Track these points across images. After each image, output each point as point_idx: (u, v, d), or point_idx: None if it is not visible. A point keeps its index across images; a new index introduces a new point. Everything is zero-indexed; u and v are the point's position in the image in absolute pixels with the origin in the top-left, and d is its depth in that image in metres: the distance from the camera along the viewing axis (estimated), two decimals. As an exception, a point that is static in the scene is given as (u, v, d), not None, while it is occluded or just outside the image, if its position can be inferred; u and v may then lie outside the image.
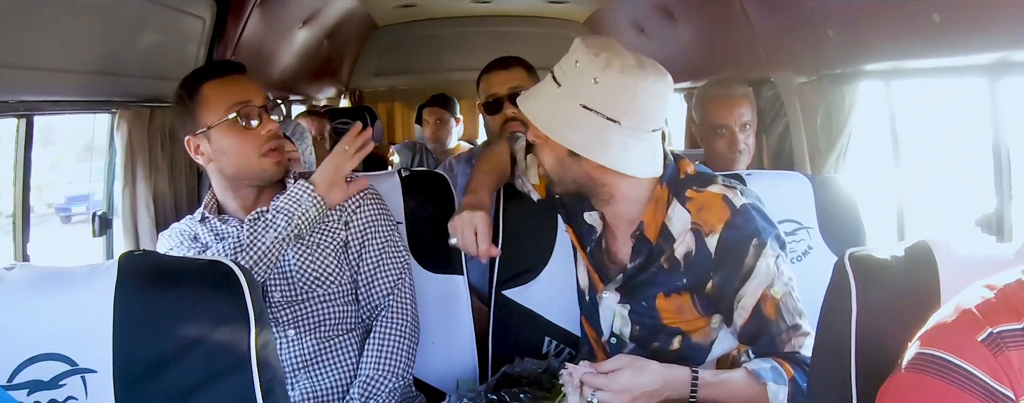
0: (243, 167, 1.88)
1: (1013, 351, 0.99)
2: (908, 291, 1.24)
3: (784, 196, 2.23)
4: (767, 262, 1.64)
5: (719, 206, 1.67)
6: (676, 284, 1.71)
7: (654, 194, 1.73)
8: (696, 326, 1.75)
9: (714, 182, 1.73)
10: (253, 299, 1.28)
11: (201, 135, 1.86)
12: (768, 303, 1.65)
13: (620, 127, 1.61)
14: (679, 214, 1.70)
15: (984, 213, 2.08)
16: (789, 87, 2.82)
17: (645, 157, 1.66)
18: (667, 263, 1.71)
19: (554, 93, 1.65)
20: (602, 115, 1.61)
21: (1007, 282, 1.05)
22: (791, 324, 1.65)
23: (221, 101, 1.84)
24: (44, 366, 1.24)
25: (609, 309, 1.83)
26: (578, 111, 1.61)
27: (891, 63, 2.30)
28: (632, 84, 1.60)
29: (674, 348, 1.77)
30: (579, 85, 1.62)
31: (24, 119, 2.07)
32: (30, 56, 1.79)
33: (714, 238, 1.66)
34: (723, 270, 1.66)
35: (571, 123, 1.63)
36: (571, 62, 1.64)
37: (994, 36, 1.76)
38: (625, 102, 1.61)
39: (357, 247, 1.97)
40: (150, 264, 1.33)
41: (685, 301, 1.72)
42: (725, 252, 1.66)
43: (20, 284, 1.29)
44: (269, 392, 1.27)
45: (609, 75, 1.60)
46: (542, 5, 4.84)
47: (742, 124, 2.62)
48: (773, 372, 1.61)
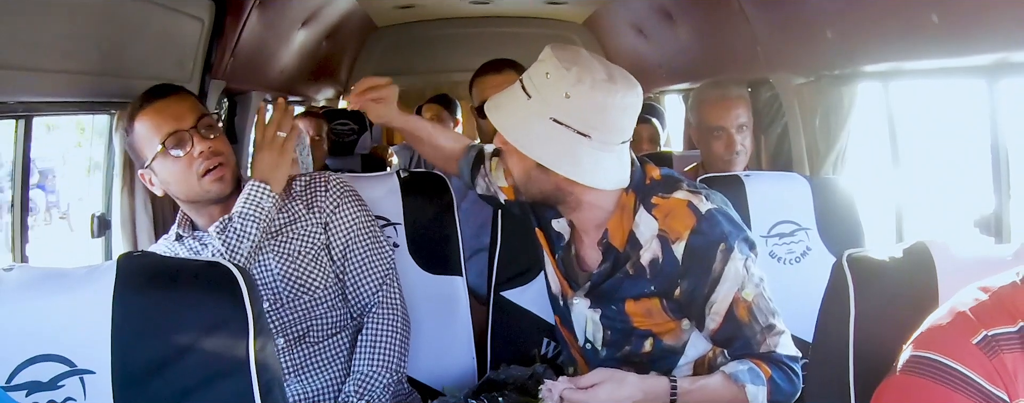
0: (188, 192, 1.86)
1: (1007, 354, 1.00)
2: (906, 292, 1.24)
3: (783, 197, 2.23)
4: (735, 266, 1.63)
5: (684, 213, 1.66)
6: (644, 290, 1.71)
7: (620, 201, 1.72)
8: (667, 328, 1.74)
9: (679, 188, 1.71)
10: (252, 300, 1.28)
11: (147, 168, 1.86)
12: (740, 306, 1.65)
13: (591, 141, 1.61)
14: (646, 221, 1.69)
15: (982, 214, 2.08)
16: (788, 88, 2.82)
17: (614, 169, 1.67)
18: (632, 269, 1.71)
19: (524, 104, 1.64)
20: (573, 129, 1.60)
21: (1002, 284, 1.05)
22: (765, 325, 1.66)
23: (152, 133, 1.82)
24: (43, 367, 1.24)
25: (581, 314, 1.82)
26: (548, 124, 1.61)
27: (890, 64, 2.31)
28: (603, 99, 1.60)
29: (646, 351, 1.77)
30: (550, 98, 1.61)
31: (23, 120, 2.07)
32: (29, 57, 1.79)
33: (681, 245, 1.65)
34: (691, 276, 1.65)
35: (541, 136, 1.62)
36: (541, 74, 1.63)
37: (993, 37, 1.76)
38: (596, 117, 1.60)
39: (341, 247, 1.96)
40: (149, 265, 1.33)
41: (654, 305, 1.71)
42: (692, 259, 1.64)
43: (19, 285, 1.29)
44: (268, 393, 1.27)
45: (580, 91, 1.59)
46: (541, 6, 4.84)
47: (738, 125, 2.62)
48: (751, 374, 1.62)
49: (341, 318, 1.97)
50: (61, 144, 4.57)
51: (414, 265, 2.18)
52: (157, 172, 1.85)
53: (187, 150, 1.82)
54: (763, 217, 2.27)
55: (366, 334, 1.94)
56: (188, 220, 1.96)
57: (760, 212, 2.27)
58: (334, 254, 1.96)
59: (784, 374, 1.64)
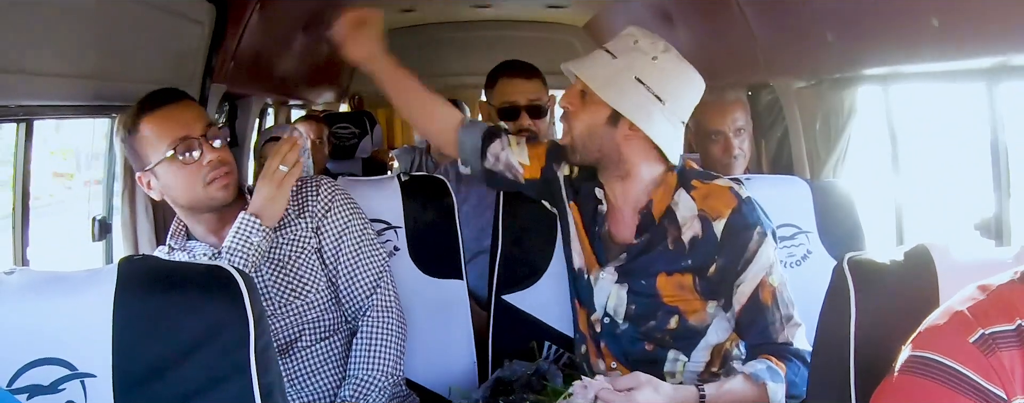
0: (192, 199, 1.86)
1: (1005, 352, 1.00)
2: (907, 295, 1.24)
3: (783, 200, 2.23)
4: (767, 251, 1.73)
5: (726, 195, 1.77)
6: (680, 265, 1.77)
7: (664, 178, 1.81)
8: (694, 308, 1.79)
9: (719, 177, 1.84)
10: (253, 304, 1.28)
11: (148, 172, 1.85)
12: (766, 290, 1.72)
13: (663, 107, 1.73)
14: (685, 201, 1.78)
15: (983, 217, 2.08)
16: (788, 91, 2.82)
17: (674, 140, 1.77)
18: (672, 245, 1.77)
19: (608, 63, 1.75)
20: (652, 91, 1.71)
21: (1000, 283, 1.05)
22: (785, 314, 1.72)
23: (160, 137, 1.81)
24: (44, 370, 1.24)
25: (604, 289, 1.85)
26: (631, 82, 1.72)
27: (890, 67, 2.31)
28: (686, 71, 1.75)
29: (671, 327, 1.81)
30: (636, 60, 1.73)
31: (24, 124, 2.07)
32: (29, 61, 1.79)
33: (721, 223, 1.74)
34: (726, 253, 1.73)
35: (622, 90, 1.72)
36: (629, 41, 1.76)
37: (993, 40, 1.76)
38: (674, 85, 1.74)
39: (332, 250, 1.95)
40: (150, 269, 1.33)
41: (687, 280, 1.77)
42: (730, 236, 1.73)
43: (20, 288, 1.29)
44: (268, 396, 1.27)
45: (668, 58, 1.74)
46: (541, 10, 4.84)
47: (736, 129, 2.61)
48: (769, 372, 1.66)
49: (334, 322, 1.96)
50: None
51: (415, 268, 2.18)
52: (160, 176, 1.84)
53: (197, 157, 1.82)
54: (764, 220, 2.27)
55: (361, 337, 1.93)
56: (183, 229, 1.95)
57: (761, 215, 2.27)
58: (326, 257, 1.95)
59: (797, 368, 1.68)
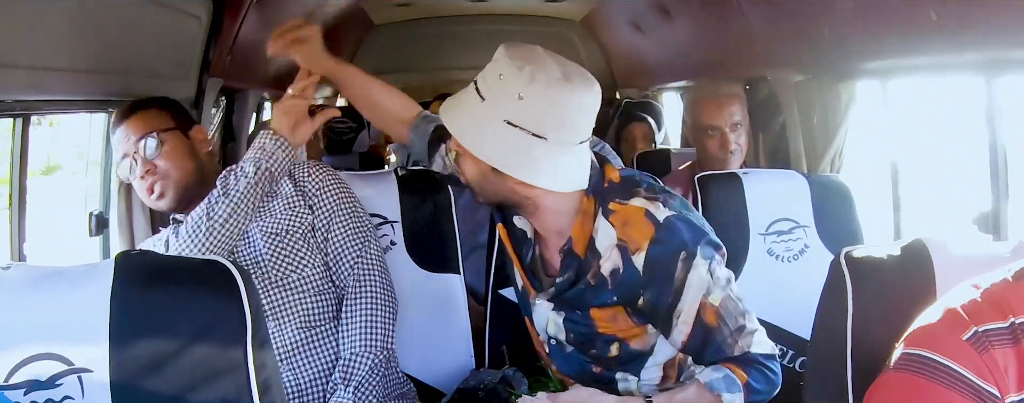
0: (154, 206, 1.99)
1: (998, 349, 1.00)
2: (904, 290, 1.24)
3: (780, 194, 2.24)
4: (698, 273, 1.59)
5: (642, 222, 1.61)
6: (607, 300, 1.67)
7: (581, 206, 1.66)
8: (633, 333, 1.71)
9: (637, 193, 1.65)
10: (250, 298, 1.28)
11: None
12: (708, 311, 1.60)
13: (547, 142, 1.56)
14: (604, 229, 1.64)
15: (980, 211, 2.08)
16: (786, 85, 2.82)
17: (573, 170, 1.62)
18: (594, 279, 1.66)
19: (477, 107, 1.59)
20: (527, 131, 1.56)
21: (994, 281, 1.06)
22: (735, 327, 1.61)
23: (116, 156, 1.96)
24: (40, 366, 1.24)
25: (543, 315, 1.79)
26: (502, 127, 1.56)
27: (887, 61, 2.31)
28: (558, 98, 1.55)
29: (613, 354, 1.74)
30: (503, 100, 1.56)
31: (20, 118, 2.07)
32: (25, 55, 1.79)
33: (641, 256, 1.60)
34: (653, 287, 1.61)
35: (495, 139, 1.58)
36: (495, 75, 1.59)
37: (990, 34, 1.76)
38: (551, 117, 1.56)
39: (324, 228, 1.96)
40: (146, 263, 1.33)
41: (619, 312, 1.68)
42: (653, 269, 1.60)
43: (16, 284, 1.29)
44: (266, 391, 1.27)
45: (534, 90, 1.54)
46: (539, 4, 4.84)
47: (732, 124, 2.61)
48: (726, 381, 1.58)
49: (332, 306, 1.95)
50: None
51: (411, 263, 2.18)
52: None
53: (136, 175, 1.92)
54: (761, 215, 2.27)
55: (346, 313, 1.92)
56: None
57: (758, 209, 2.27)
58: (318, 234, 1.96)
59: (760, 374, 1.60)
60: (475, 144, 1.60)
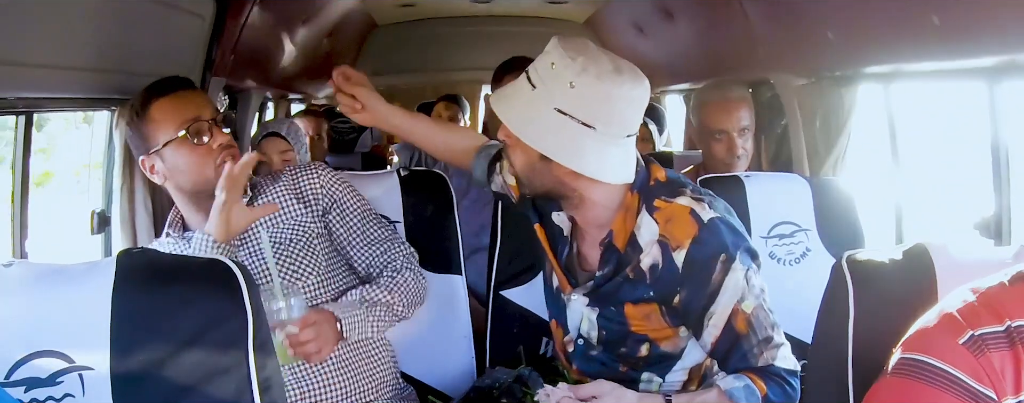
0: (198, 182, 1.87)
1: (994, 353, 1.01)
2: (905, 294, 1.24)
3: (782, 198, 2.24)
4: (735, 277, 1.62)
5: (686, 221, 1.64)
6: (643, 295, 1.69)
7: (625, 201, 1.70)
8: (664, 335, 1.73)
9: (683, 193, 1.69)
10: (251, 297, 1.28)
11: (154, 154, 1.86)
12: (739, 318, 1.63)
13: (595, 132, 1.59)
14: (647, 224, 1.67)
15: (982, 216, 2.08)
16: (788, 89, 2.82)
17: (619, 163, 1.64)
18: (632, 273, 1.69)
19: (528, 95, 1.62)
20: (577, 120, 1.58)
21: (990, 285, 1.07)
22: (763, 337, 1.63)
23: (171, 119, 1.84)
24: (41, 363, 1.24)
25: (577, 311, 1.80)
26: (552, 115, 1.59)
27: (890, 66, 2.31)
28: (608, 90, 1.58)
29: (642, 355, 1.75)
30: (554, 88, 1.59)
31: (23, 116, 2.07)
32: (29, 53, 1.79)
33: (681, 253, 1.63)
34: (690, 286, 1.64)
35: (545, 127, 1.60)
36: (547, 64, 1.61)
37: (993, 39, 1.76)
38: (601, 108, 1.58)
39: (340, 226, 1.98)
40: (148, 262, 1.33)
41: (653, 310, 1.70)
42: (692, 268, 1.63)
43: (18, 281, 1.29)
44: (267, 390, 1.27)
45: (585, 80, 1.57)
46: (542, 5, 4.84)
47: (740, 129, 2.60)
48: (746, 391, 1.60)
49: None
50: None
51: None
52: (167, 158, 1.85)
53: (207, 140, 1.85)
54: (763, 218, 2.27)
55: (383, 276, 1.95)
56: (180, 219, 1.97)
57: (760, 213, 2.27)
58: (335, 235, 1.98)
59: (780, 388, 1.62)
60: (523, 130, 1.63)
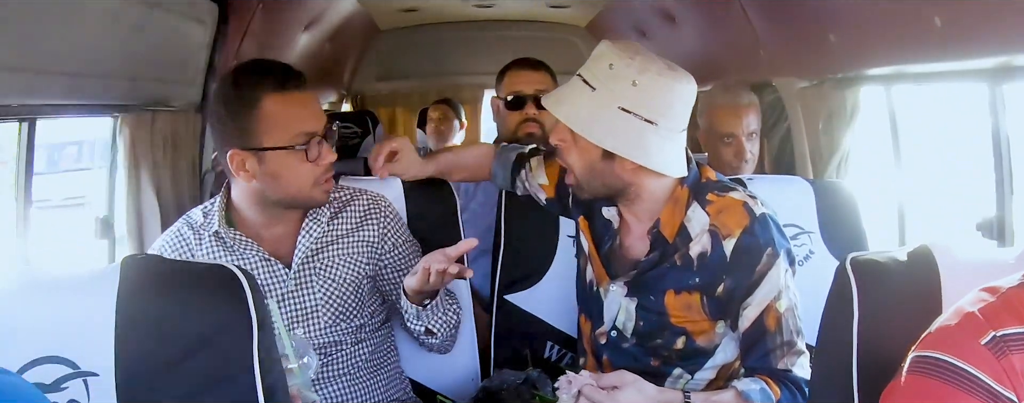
0: (293, 194, 1.79)
1: (1016, 354, 0.99)
2: (909, 296, 1.24)
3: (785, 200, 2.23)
4: (777, 273, 1.67)
5: (739, 212, 1.71)
6: (688, 282, 1.73)
7: (674, 194, 1.75)
8: (701, 328, 1.76)
9: (736, 189, 1.77)
10: (256, 303, 1.28)
11: (250, 152, 1.72)
12: (771, 315, 1.67)
13: (657, 128, 1.65)
14: (698, 215, 1.73)
15: (985, 217, 2.08)
16: (791, 91, 2.82)
17: (676, 156, 1.71)
18: (680, 260, 1.73)
19: (589, 96, 1.67)
20: (640, 117, 1.64)
21: (1010, 285, 1.05)
22: (787, 339, 1.67)
23: (286, 125, 1.71)
24: (47, 369, 1.24)
25: (615, 302, 1.82)
26: (616, 114, 1.65)
27: (893, 67, 2.31)
28: (669, 86, 1.66)
29: (677, 348, 1.78)
30: (617, 88, 1.64)
31: (26, 123, 2.07)
32: (32, 60, 1.80)
33: (731, 242, 1.69)
34: (735, 274, 1.68)
35: (610, 125, 1.65)
36: (604, 66, 1.67)
37: (995, 41, 1.76)
38: (662, 104, 1.65)
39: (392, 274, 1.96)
40: (153, 268, 1.33)
41: (694, 300, 1.73)
42: (739, 257, 1.68)
43: (23, 287, 1.29)
44: (272, 397, 1.27)
45: (647, 78, 1.64)
46: (543, 10, 4.84)
47: (749, 133, 2.61)
48: (762, 394, 1.63)
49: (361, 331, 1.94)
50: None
51: (417, 268, 2.18)
52: (268, 163, 1.73)
53: (315, 158, 1.76)
54: (766, 220, 2.26)
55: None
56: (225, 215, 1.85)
57: (763, 215, 2.26)
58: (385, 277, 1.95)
59: (792, 396, 1.64)
60: (589, 130, 1.67)
